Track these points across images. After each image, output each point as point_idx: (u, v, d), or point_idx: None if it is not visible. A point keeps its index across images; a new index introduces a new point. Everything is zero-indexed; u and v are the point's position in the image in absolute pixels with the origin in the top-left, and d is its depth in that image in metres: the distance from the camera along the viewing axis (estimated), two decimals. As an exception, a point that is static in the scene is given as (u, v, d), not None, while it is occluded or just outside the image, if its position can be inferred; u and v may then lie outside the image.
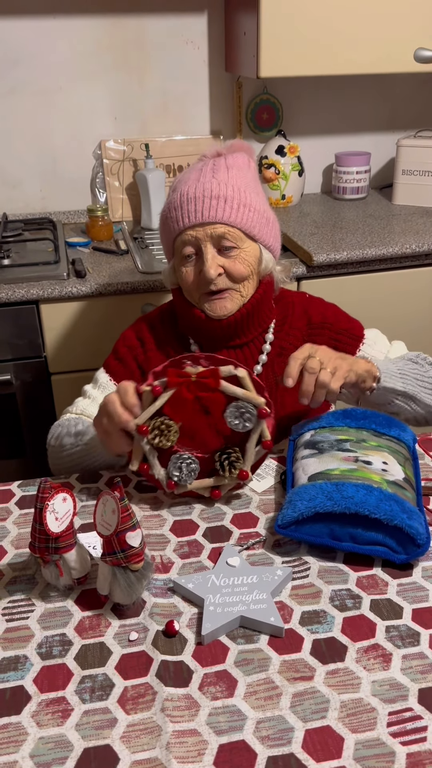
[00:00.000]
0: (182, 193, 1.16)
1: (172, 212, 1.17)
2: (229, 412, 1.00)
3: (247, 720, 0.71)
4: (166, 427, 1.00)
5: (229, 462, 1.02)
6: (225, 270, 1.15)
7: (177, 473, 1.02)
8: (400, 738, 0.69)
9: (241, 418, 1.00)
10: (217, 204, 1.13)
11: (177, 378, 0.99)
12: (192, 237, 1.14)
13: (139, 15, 2.16)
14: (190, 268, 1.17)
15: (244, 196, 1.15)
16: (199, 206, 1.13)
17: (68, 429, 1.20)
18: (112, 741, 0.69)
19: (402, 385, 1.16)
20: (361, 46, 1.99)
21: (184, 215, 1.14)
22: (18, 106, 2.17)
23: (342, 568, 0.91)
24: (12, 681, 0.76)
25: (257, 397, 0.99)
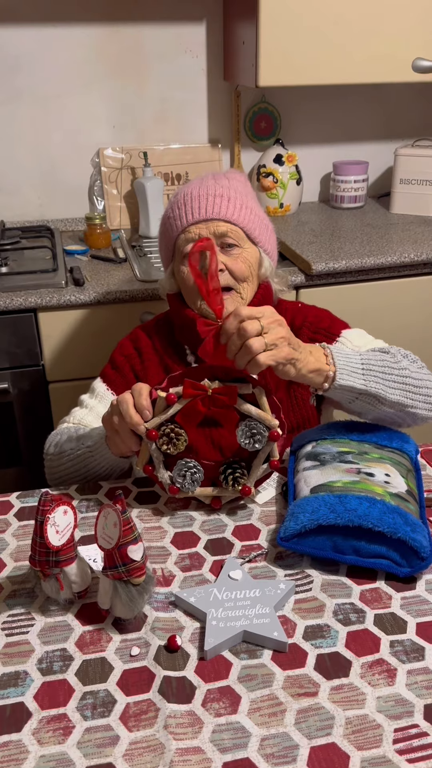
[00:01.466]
0: (185, 193, 1.19)
1: (174, 211, 1.19)
2: (241, 430, 0.99)
3: (251, 737, 0.70)
4: (176, 435, 1.00)
5: (234, 477, 1.02)
6: (227, 267, 1.17)
7: (180, 480, 1.02)
8: (407, 755, 0.68)
9: (252, 439, 0.99)
10: (221, 202, 1.16)
11: (193, 390, 0.98)
12: (195, 234, 1.16)
13: (139, 24, 2.16)
14: None
15: (246, 200, 1.19)
16: (203, 203, 1.16)
17: (69, 435, 1.19)
18: (114, 759, 0.68)
19: (363, 382, 1.04)
20: (359, 56, 2.00)
21: (188, 212, 1.16)
22: (17, 114, 2.17)
23: (345, 582, 0.90)
24: (12, 697, 0.75)
25: (271, 419, 0.98)
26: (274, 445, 1.00)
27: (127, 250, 2.07)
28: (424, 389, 1.09)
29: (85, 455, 1.15)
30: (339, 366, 1.03)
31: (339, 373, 1.02)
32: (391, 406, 1.07)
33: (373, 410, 1.08)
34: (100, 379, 1.29)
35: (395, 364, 1.08)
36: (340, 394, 1.06)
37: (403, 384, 1.07)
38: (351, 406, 1.10)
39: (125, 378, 1.27)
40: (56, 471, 1.20)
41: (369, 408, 1.08)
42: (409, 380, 1.08)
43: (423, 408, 1.10)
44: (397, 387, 1.07)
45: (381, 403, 1.07)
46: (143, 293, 1.80)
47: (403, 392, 1.07)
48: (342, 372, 1.03)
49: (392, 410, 1.08)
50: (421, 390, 1.09)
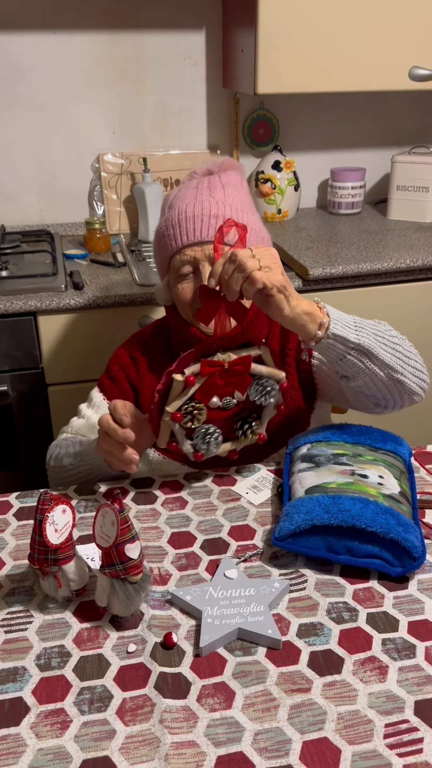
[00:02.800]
0: (180, 210, 1.16)
1: (169, 230, 1.17)
2: (254, 390, 1.07)
3: (245, 732, 0.72)
4: (198, 410, 1.05)
5: (250, 429, 1.11)
6: None
7: (204, 446, 1.08)
8: (397, 750, 0.69)
9: (266, 395, 1.07)
10: (216, 223, 1.13)
11: (210, 368, 1.02)
12: (190, 257, 1.15)
13: (139, 31, 2.18)
14: (187, 285, 1.17)
15: (240, 215, 1.16)
16: (198, 225, 1.14)
17: (66, 449, 1.21)
18: (110, 752, 0.70)
19: (356, 336, 1.01)
20: (357, 64, 2.02)
21: (182, 233, 1.15)
22: (17, 119, 2.19)
23: (338, 581, 0.92)
24: (11, 692, 0.77)
25: (279, 373, 1.08)
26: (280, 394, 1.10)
27: (127, 255, 2.09)
28: (412, 361, 1.09)
29: (85, 471, 1.18)
30: (333, 317, 1.02)
31: (333, 323, 1.01)
32: (381, 368, 1.05)
33: (363, 370, 1.05)
34: (97, 389, 1.31)
35: (387, 331, 1.08)
36: (332, 347, 1.03)
37: (393, 349, 1.06)
38: (341, 364, 1.05)
39: (121, 387, 1.29)
40: (59, 482, 1.23)
41: (358, 367, 1.04)
42: (400, 347, 1.07)
43: (411, 379, 1.08)
44: (389, 350, 1.05)
45: (371, 361, 1.04)
46: (142, 297, 1.82)
47: (394, 357, 1.06)
48: (335, 323, 1.01)
49: (382, 373, 1.05)
50: (410, 361, 1.08)
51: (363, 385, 1.09)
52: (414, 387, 1.10)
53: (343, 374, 1.08)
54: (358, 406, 1.19)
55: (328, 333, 1.01)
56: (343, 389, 1.16)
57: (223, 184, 1.18)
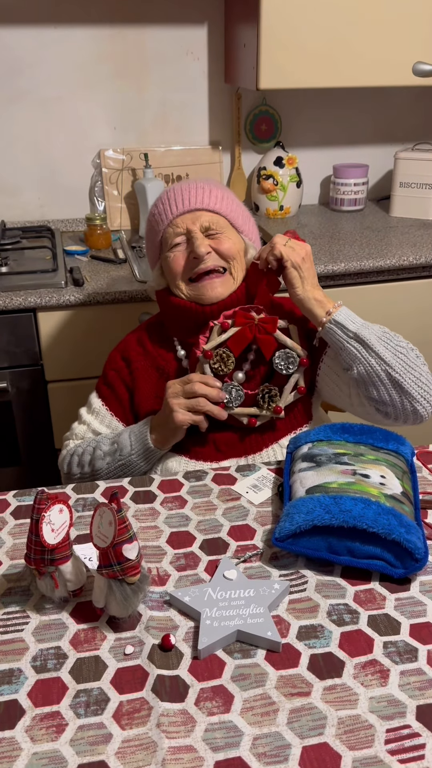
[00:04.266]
0: (169, 191, 1.25)
1: (159, 206, 1.25)
2: (279, 354, 1.21)
3: (243, 736, 0.70)
4: (227, 356, 1.21)
5: (270, 396, 1.21)
6: (213, 249, 1.22)
7: (227, 396, 1.21)
8: (398, 755, 0.68)
9: (287, 362, 1.21)
10: (203, 193, 1.22)
11: (244, 319, 1.21)
12: (182, 228, 1.22)
13: (140, 26, 2.17)
14: (179, 252, 1.23)
15: (227, 194, 1.26)
16: (186, 195, 1.22)
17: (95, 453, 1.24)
18: (107, 757, 0.69)
19: (356, 327, 1.14)
20: (360, 60, 2.01)
21: (172, 205, 1.22)
22: (18, 115, 2.17)
23: (339, 582, 0.90)
24: (6, 694, 0.75)
25: (301, 349, 1.21)
26: (301, 375, 1.22)
27: (127, 251, 2.08)
28: (414, 371, 1.12)
29: (128, 463, 1.22)
30: (341, 310, 1.16)
31: (338, 312, 1.16)
32: (378, 361, 1.11)
33: (360, 359, 1.13)
34: (95, 394, 1.34)
35: (395, 338, 1.15)
36: (333, 332, 1.15)
37: (395, 352, 1.12)
38: (342, 354, 1.16)
39: (117, 392, 1.31)
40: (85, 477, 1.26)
41: (356, 356, 1.13)
42: (402, 356, 1.12)
43: (410, 385, 1.11)
44: (390, 350, 1.12)
45: (368, 351, 1.12)
46: (143, 293, 1.81)
47: (394, 357, 1.12)
48: (341, 313, 1.16)
49: (379, 367, 1.11)
50: (412, 371, 1.12)
51: (361, 378, 1.13)
52: (414, 392, 1.12)
53: (345, 366, 1.17)
54: (362, 413, 1.21)
55: (331, 319, 1.15)
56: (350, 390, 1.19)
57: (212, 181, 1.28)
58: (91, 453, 1.25)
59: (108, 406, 1.31)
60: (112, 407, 1.31)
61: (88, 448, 1.26)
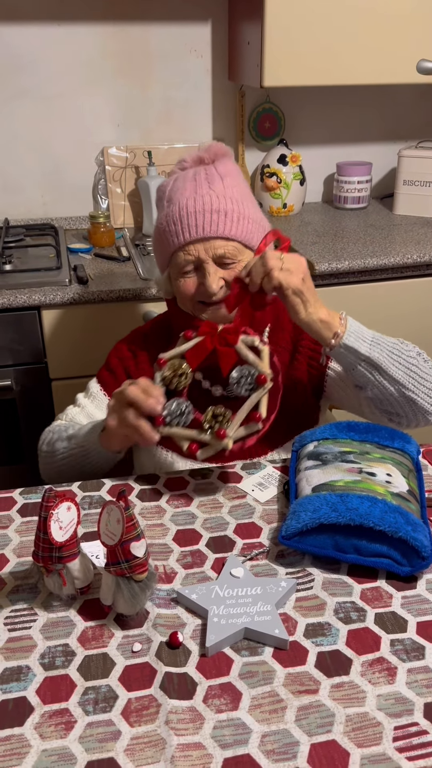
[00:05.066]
0: (181, 206, 1.13)
1: (171, 226, 1.14)
2: (237, 369, 1.04)
3: (252, 733, 0.71)
4: (179, 366, 1.06)
5: (214, 415, 1.03)
6: (225, 282, 1.15)
7: (167, 410, 1.04)
8: (406, 753, 0.68)
9: (243, 378, 1.03)
10: (218, 218, 1.12)
11: (207, 328, 1.08)
12: (193, 255, 1.14)
13: (144, 23, 2.16)
14: (190, 279, 1.16)
15: (242, 208, 1.14)
16: (200, 220, 1.12)
17: (59, 434, 1.21)
18: (116, 754, 0.69)
19: (367, 349, 1.06)
20: (363, 57, 2.00)
21: (184, 230, 1.13)
22: (21, 112, 2.17)
23: (346, 580, 0.91)
24: (15, 692, 0.76)
25: (264, 367, 1.03)
26: (263, 399, 1.03)
27: (131, 249, 2.08)
28: (428, 382, 1.09)
29: (78, 454, 1.17)
30: (350, 330, 1.07)
31: (347, 335, 1.06)
32: (390, 382, 1.08)
33: (372, 381, 1.09)
34: (96, 380, 1.32)
35: (405, 351, 1.10)
36: (344, 355, 1.08)
37: (407, 368, 1.08)
38: (353, 374, 1.10)
39: (119, 381, 1.28)
40: (49, 468, 1.23)
41: (369, 378, 1.09)
42: (415, 368, 1.09)
43: (424, 399, 1.10)
44: (401, 368, 1.08)
45: (381, 374, 1.08)
46: (146, 292, 1.81)
47: (406, 375, 1.08)
48: (350, 335, 1.06)
49: (392, 388, 1.08)
50: (425, 382, 1.09)
51: (375, 397, 1.12)
52: (426, 406, 1.10)
53: (356, 383, 1.12)
54: (372, 420, 1.19)
55: (341, 343, 1.06)
56: (360, 401, 1.18)
57: (221, 174, 1.15)
58: (59, 434, 1.21)
59: (107, 393, 1.28)
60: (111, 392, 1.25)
61: (61, 428, 1.23)
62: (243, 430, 1.02)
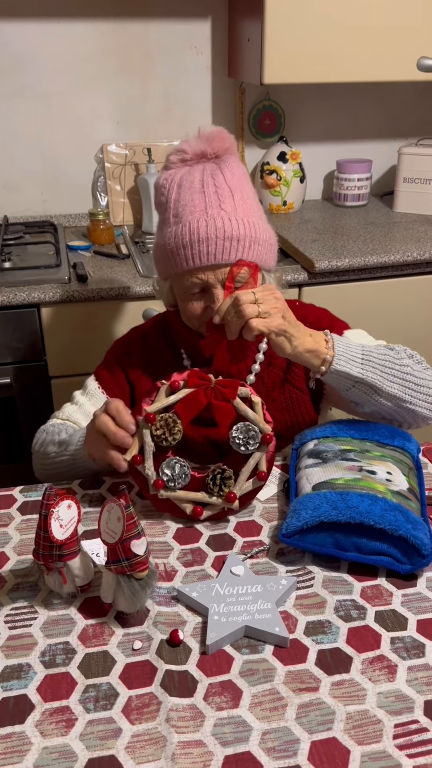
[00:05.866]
0: (192, 229, 1.07)
1: (180, 250, 1.09)
2: (237, 427, 1.00)
3: (252, 731, 0.71)
4: (173, 422, 1.00)
5: (222, 478, 1.00)
6: None
7: (168, 471, 1.00)
8: (407, 750, 0.68)
9: (246, 436, 1.00)
10: (230, 245, 1.07)
11: (198, 380, 1.02)
12: (201, 280, 1.10)
13: (143, 20, 2.16)
14: (197, 303, 1.12)
15: (254, 231, 1.09)
16: (212, 248, 1.07)
17: (52, 437, 1.20)
18: (116, 751, 0.69)
19: (360, 371, 1.04)
20: (364, 54, 2.00)
21: (195, 256, 1.08)
22: (21, 110, 2.17)
23: (346, 578, 0.91)
24: (15, 690, 0.76)
25: (265, 424, 1.00)
26: (263, 456, 1.01)
27: (130, 247, 2.08)
28: (425, 388, 1.08)
29: (68, 461, 1.16)
30: (338, 352, 1.03)
31: (336, 359, 1.03)
32: (387, 399, 1.07)
33: (369, 400, 1.08)
34: (93, 377, 1.30)
35: (398, 360, 1.08)
36: (336, 379, 1.06)
37: (402, 380, 1.07)
38: (347, 394, 1.09)
39: (117, 378, 1.28)
40: (41, 469, 1.22)
41: (365, 398, 1.07)
42: (410, 377, 1.07)
43: (422, 406, 1.09)
44: (396, 381, 1.06)
45: (377, 393, 1.06)
46: (146, 289, 1.81)
47: (402, 387, 1.07)
48: (340, 358, 1.03)
49: (389, 403, 1.07)
50: (422, 389, 1.08)
51: (373, 411, 1.11)
52: (425, 413, 1.10)
53: (352, 400, 1.11)
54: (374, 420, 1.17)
55: (331, 369, 1.04)
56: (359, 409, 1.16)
57: (231, 187, 1.09)
58: (51, 436, 1.19)
59: (104, 390, 1.27)
60: (110, 392, 1.27)
61: (54, 430, 1.21)
62: (247, 485, 1.01)
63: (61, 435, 1.18)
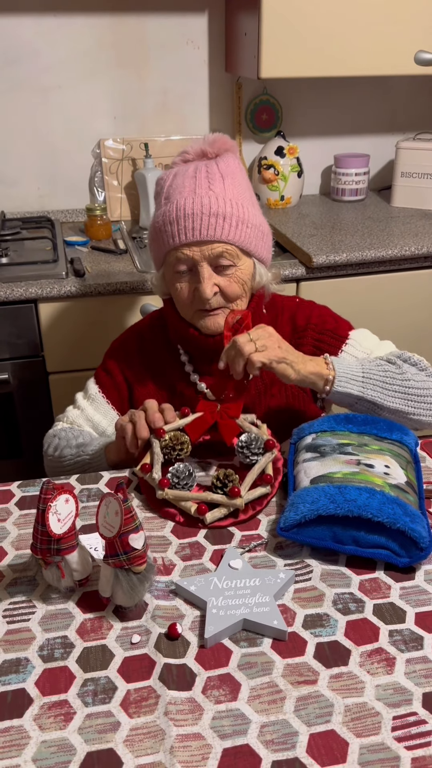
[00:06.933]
0: (178, 206, 1.09)
1: (167, 226, 1.11)
2: (243, 435, 1.07)
3: (251, 724, 0.71)
4: (181, 437, 1.07)
5: (225, 475, 1.01)
6: (220, 289, 1.13)
7: (175, 472, 1.02)
8: (405, 742, 0.69)
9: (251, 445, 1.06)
10: (216, 222, 1.09)
11: (205, 407, 1.11)
12: (187, 256, 1.11)
13: (140, 14, 2.15)
14: (185, 284, 1.14)
15: (242, 212, 1.11)
16: (197, 223, 1.09)
17: (68, 441, 1.22)
18: (115, 745, 0.69)
19: (360, 389, 1.10)
20: (361, 48, 1.99)
21: (181, 232, 1.09)
22: (17, 104, 2.16)
23: (344, 572, 0.91)
24: (13, 684, 0.76)
25: (268, 435, 1.08)
26: (269, 462, 1.06)
27: (128, 242, 2.07)
28: (428, 398, 1.12)
29: (84, 462, 1.19)
30: (338, 373, 1.10)
31: (338, 380, 1.10)
32: (391, 413, 1.12)
33: (374, 413, 1.13)
34: (93, 381, 1.31)
35: (399, 375, 1.12)
36: (340, 398, 1.12)
37: (404, 394, 1.11)
38: (352, 409, 1.15)
39: (115, 381, 1.29)
40: (56, 470, 1.25)
41: (369, 413, 1.14)
42: (412, 390, 1.12)
43: (426, 415, 1.13)
44: (398, 396, 1.11)
45: (380, 409, 1.12)
46: (143, 284, 1.80)
47: (404, 401, 1.12)
48: (341, 379, 1.10)
49: (393, 416, 1.12)
50: (425, 399, 1.12)
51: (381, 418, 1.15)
52: (430, 420, 1.14)
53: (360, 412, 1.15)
54: None
55: (334, 389, 1.11)
56: None
57: (222, 173, 1.11)
58: (67, 440, 1.22)
59: (105, 394, 1.28)
60: (109, 395, 1.29)
61: (68, 435, 1.24)
62: (254, 492, 1.01)
63: (78, 439, 1.22)
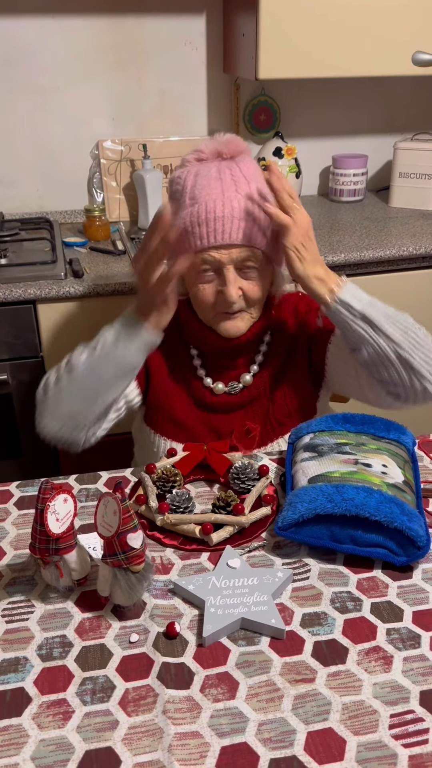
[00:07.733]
0: (208, 208, 1.09)
1: (195, 228, 1.10)
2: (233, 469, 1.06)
3: (249, 722, 0.71)
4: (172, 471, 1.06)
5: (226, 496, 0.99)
6: (243, 292, 1.14)
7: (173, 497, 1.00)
8: (402, 740, 0.69)
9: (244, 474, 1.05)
10: (245, 226, 1.09)
11: (192, 448, 1.13)
12: (215, 258, 1.11)
13: (138, 15, 2.15)
14: (209, 287, 1.14)
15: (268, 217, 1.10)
16: (227, 226, 1.09)
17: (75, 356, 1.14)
18: (113, 743, 0.69)
19: (362, 306, 1.07)
20: (359, 49, 2.00)
21: (210, 234, 1.09)
22: (16, 105, 2.16)
23: (342, 571, 0.91)
24: (12, 683, 0.76)
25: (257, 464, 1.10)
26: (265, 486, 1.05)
27: (126, 243, 2.08)
28: (424, 347, 1.07)
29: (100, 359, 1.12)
30: (345, 287, 1.08)
31: (344, 291, 1.08)
32: (386, 340, 1.07)
33: (368, 340, 1.07)
34: None
35: (403, 318, 1.09)
36: (339, 313, 1.08)
37: (404, 331, 1.07)
38: (349, 334, 1.09)
39: None
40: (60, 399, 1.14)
41: (364, 337, 1.07)
42: (411, 332, 1.08)
43: (420, 364, 1.07)
44: (398, 328, 1.07)
45: (376, 331, 1.07)
46: (142, 285, 1.80)
47: (403, 336, 1.07)
48: (347, 291, 1.08)
49: (388, 347, 1.07)
50: (422, 347, 1.07)
51: (371, 360, 1.09)
52: (424, 371, 1.07)
53: (352, 346, 1.11)
54: (373, 397, 1.16)
55: (335, 297, 1.08)
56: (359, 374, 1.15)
57: (246, 177, 1.11)
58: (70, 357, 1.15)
59: None
60: None
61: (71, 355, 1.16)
62: (257, 513, 1.00)
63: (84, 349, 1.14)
